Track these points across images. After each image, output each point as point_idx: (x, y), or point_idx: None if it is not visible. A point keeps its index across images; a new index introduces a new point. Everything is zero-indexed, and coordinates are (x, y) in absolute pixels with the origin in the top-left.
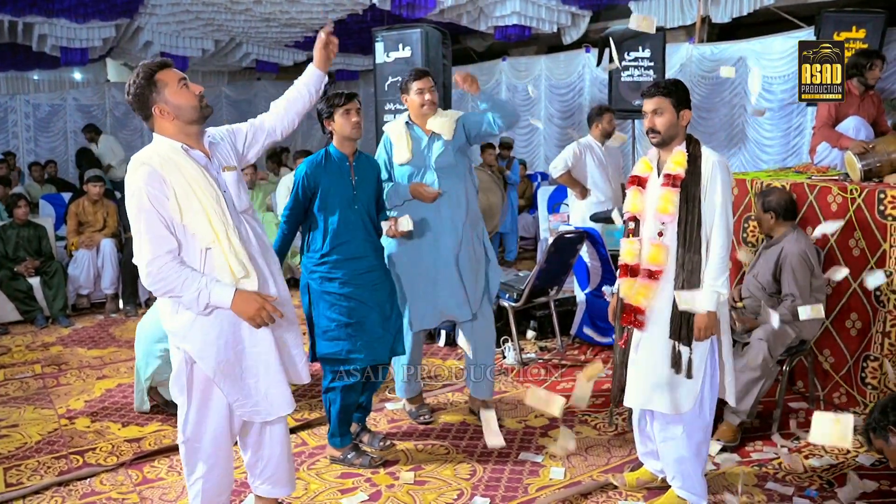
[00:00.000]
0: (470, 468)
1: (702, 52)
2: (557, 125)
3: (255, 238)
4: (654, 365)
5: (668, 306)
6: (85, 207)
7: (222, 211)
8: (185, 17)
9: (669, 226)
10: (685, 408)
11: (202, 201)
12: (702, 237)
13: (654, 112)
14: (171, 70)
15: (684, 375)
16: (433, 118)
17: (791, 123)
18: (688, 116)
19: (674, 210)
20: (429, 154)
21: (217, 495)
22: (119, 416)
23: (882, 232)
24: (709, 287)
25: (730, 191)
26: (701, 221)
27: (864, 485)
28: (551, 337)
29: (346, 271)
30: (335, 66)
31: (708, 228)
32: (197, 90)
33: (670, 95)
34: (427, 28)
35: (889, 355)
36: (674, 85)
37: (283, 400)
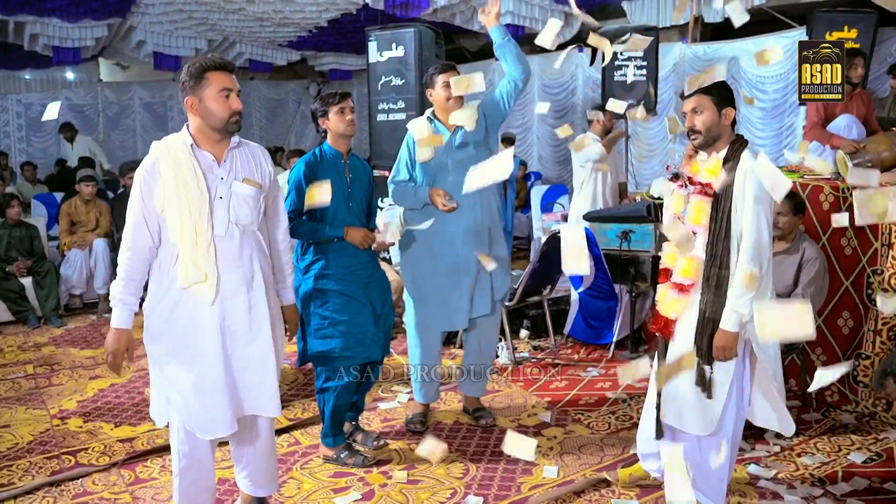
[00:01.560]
0: (463, 467)
1: (695, 51)
2: (550, 124)
3: (238, 257)
4: (677, 380)
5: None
6: (77, 207)
7: (199, 214)
8: (177, 17)
9: (700, 236)
10: (697, 430)
11: (181, 200)
12: (731, 251)
13: (694, 111)
14: (224, 74)
15: (705, 395)
16: (454, 114)
17: (783, 123)
18: (731, 114)
19: (705, 220)
20: (450, 150)
21: (197, 495)
22: (111, 416)
23: (873, 231)
24: (729, 306)
25: (765, 204)
26: (730, 234)
27: (855, 482)
28: (545, 336)
29: (339, 268)
30: (329, 65)
31: (738, 242)
32: (235, 106)
33: (710, 93)
34: (420, 27)
35: (881, 353)
36: (716, 82)
37: (221, 422)
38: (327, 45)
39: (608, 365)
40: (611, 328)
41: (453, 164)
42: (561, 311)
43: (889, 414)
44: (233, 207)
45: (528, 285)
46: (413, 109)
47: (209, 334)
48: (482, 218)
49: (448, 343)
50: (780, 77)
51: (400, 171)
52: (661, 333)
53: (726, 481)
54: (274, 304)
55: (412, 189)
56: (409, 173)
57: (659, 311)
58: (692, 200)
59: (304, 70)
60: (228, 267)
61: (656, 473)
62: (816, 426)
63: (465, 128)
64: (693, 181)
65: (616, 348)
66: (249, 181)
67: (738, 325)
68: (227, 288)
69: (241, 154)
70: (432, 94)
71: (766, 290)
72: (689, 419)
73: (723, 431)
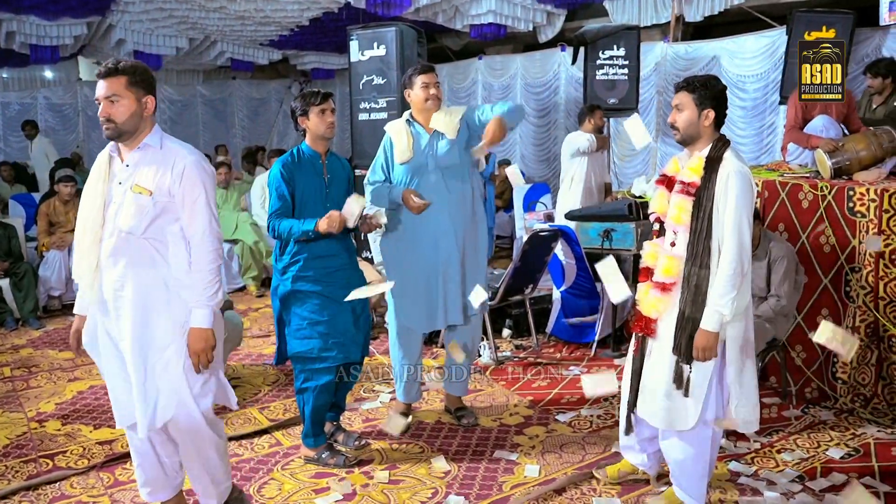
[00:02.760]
0: (445, 467)
1: (676, 50)
2: (533, 123)
3: (113, 263)
4: (656, 377)
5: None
6: (56, 208)
7: (89, 213)
8: (158, 15)
9: (681, 235)
10: (679, 426)
11: (84, 203)
12: (711, 251)
13: (677, 107)
14: (100, 81)
15: (682, 393)
16: (436, 116)
17: (764, 122)
18: (711, 116)
19: (686, 219)
20: (430, 153)
21: (155, 491)
22: (90, 418)
23: (851, 228)
24: (711, 306)
25: (747, 204)
26: (711, 234)
27: (833, 477)
28: (527, 335)
29: (318, 269)
30: (311, 64)
31: (719, 242)
32: (101, 113)
33: (693, 91)
34: (402, 27)
35: (859, 350)
36: (702, 81)
37: (122, 414)
38: (309, 44)
39: (590, 364)
40: (593, 327)
41: (433, 166)
42: (543, 310)
43: (866, 410)
44: (119, 211)
45: (510, 284)
46: (395, 109)
47: (101, 337)
48: (463, 219)
49: (430, 342)
50: (761, 76)
51: (376, 172)
52: (644, 333)
53: (707, 478)
54: (167, 319)
55: (387, 189)
56: (384, 174)
57: (640, 310)
58: (674, 199)
59: (286, 69)
60: (106, 270)
61: (642, 467)
62: (796, 422)
63: (446, 135)
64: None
65: (598, 347)
66: (139, 187)
67: (719, 324)
68: (106, 291)
69: (150, 157)
70: (410, 95)
71: (746, 291)
72: (667, 416)
73: (703, 430)
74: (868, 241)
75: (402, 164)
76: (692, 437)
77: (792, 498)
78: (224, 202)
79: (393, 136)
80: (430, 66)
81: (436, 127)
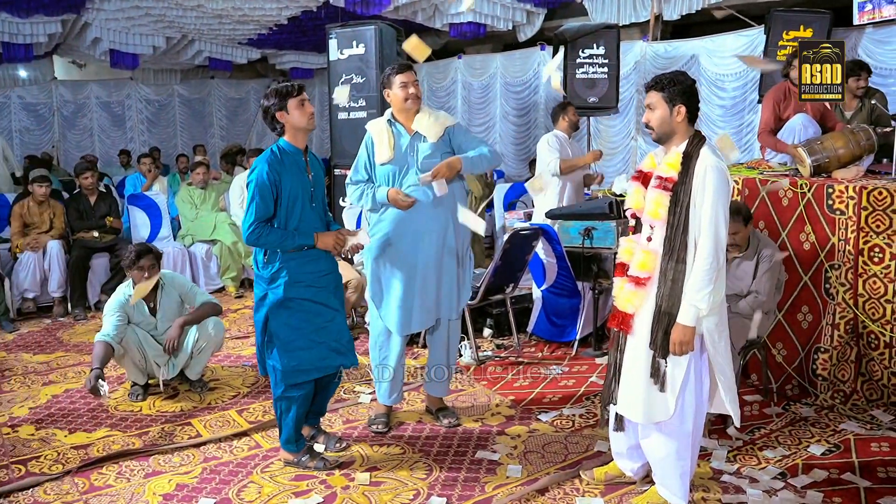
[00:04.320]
0: (426, 468)
1: (655, 49)
2: (513, 122)
3: None
4: (633, 372)
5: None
6: (30, 208)
7: None
8: (134, 13)
9: (658, 230)
10: (658, 418)
11: None
12: (688, 246)
13: (649, 107)
14: None
15: (658, 388)
16: (419, 118)
17: (743, 121)
18: (683, 112)
19: (663, 214)
20: (412, 154)
21: None
22: (66, 422)
23: (831, 226)
24: (687, 300)
25: (724, 199)
26: (687, 229)
27: (814, 473)
28: (508, 335)
29: (309, 275)
30: (290, 63)
31: (696, 237)
32: None
33: (663, 90)
34: (381, 25)
35: (838, 346)
36: (669, 78)
37: None
38: (288, 43)
39: (572, 363)
40: (574, 326)
41: (415, 166)
42: (524, 309)
43: (846, 406)
44: None
45: (490, 283)
46: (374, 108)
47: None
48: (446, 220)
49: (411, 343)
50: (740, 75)
51: (359, 171)
52: (620, 328)
53: (689, 476)
54: None
55: (371, 190)
56: (367, 174)
57: (616, 305)
58: (651, 194)
59: (265, 68)
60: None
61: (630, 472)
62: (777, 420)
63: (427, 138)
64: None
65: (579, 346)
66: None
67: (695, 319)
68: None
69: None
70: (390, 95)
71: (721, 286)
72: (645, 410)
73: (682, 426)
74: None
75: (383, 165)
76: (672, 431)
77: (774, 495)
78: (202, 202)
79: (374, 136)
80: (408, 64)
81: (418, 128)
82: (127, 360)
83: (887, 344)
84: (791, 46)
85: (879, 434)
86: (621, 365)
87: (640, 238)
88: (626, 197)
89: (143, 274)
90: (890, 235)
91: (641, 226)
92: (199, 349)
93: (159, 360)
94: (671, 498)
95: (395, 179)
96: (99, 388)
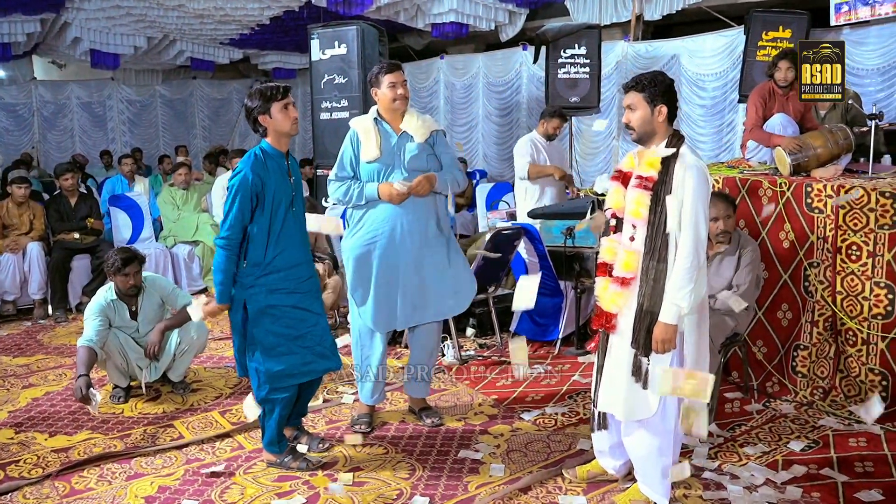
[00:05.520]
0: (409, 467)
1: (637, 49)
2: (495, 122)
3: None
4: (617, 369)
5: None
6: (9, 210)
7: None
8: (114, 13)
9: (640, 230)
10: (639, 415)
11: None
12: (669, 245)
13: (629, 107)
14: None
15: (641, 385)
16: (407, 118)
17: (723, 120)
18: (664, 112)
19: (644, 213)
20: (399, 153)
21: None
22: (46, 425)
23: (809, 224)
24: (668, 299)
25: (703, 198)
26: (668, 228)
27: (794, 469)
28: (491, 334)
29: (291, 281)
30: (272, 63)
31: (676, 236)
32: None
33: (643, 90)
34: (364, 25)
35: (817, 343)
36: (649, 79)
37: None
38: (270, 44)
39: (554, 362)
40: (556, 325)
41: (400, 164)
42: (507, 308)
43: (825, 402)
44: None
45: None
46: (356, 108)
47: None
48: (427, 219)
49: (393, 342)
50: (720, 75)
51: (344, 168)
52: (604, 329)
53: (670, 473)
54: None
55: (358, 186)
56: (352, 170)
57: (600, 306)
58: (632, 194)
59: (247, 69)
60: None
61: (612, 470)
62: (758, 416)
63: (414, 138)
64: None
65: (562, 345)
66: None
67: (677, 317)
68: None
69: None
70: (377, 94)
71: (702, 284)
72: (628, 407)
73: (664, 424)
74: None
75: (369, 163)
76: (655, 428)
77: (755, 491)
78: (184, 203)
79: (360, 134)
80: (397, 64)
81: (407, 128)
82: (109, 363)
83: (864, 341)
84: (770, 47)
85: (857, 430)
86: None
87: (623, 238)
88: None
89: (129, 280)
90: (867, 233)
91: (622, 225)
92: (182, 352)
93: (141, 363)
94: (653, 495)
95: (380, 178)
96: (91, 397)
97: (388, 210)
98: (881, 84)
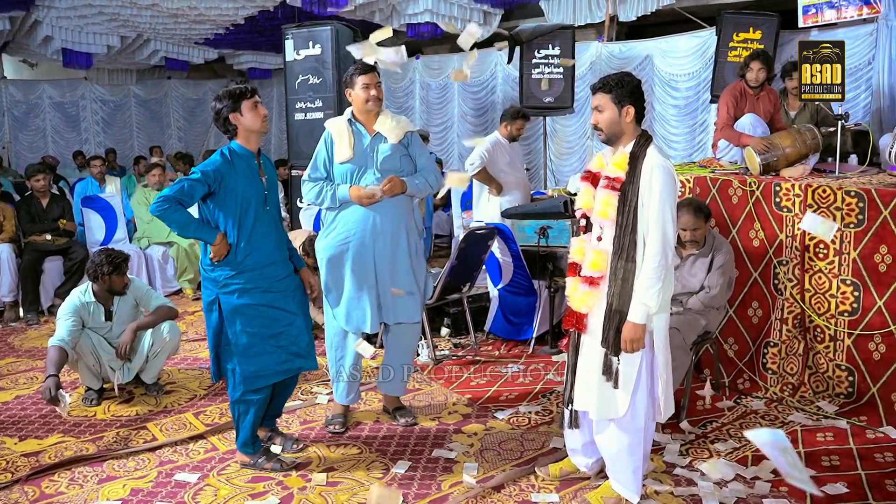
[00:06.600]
0: (383, 467)
1: (610, 50)
2: (470, 122)
3: None
4: (588, 369)
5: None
6: None
7: None
8: (87, 12)
9: (608, 230)
10: (611, 414)
11: None
12: (637, 245)
13: (597, 108)
14: None
15: (612, 385)
16: (381, 119)
17: (696, 120)
18: (632, 112)
19: (612, 214)
20: (372, 154)
21: None
22: (16, 429)
23: (778, 223)
24: (637, 298)
25: (670, 198)
26: (636, 228)
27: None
28: (465, 333)
29: (265, 280)
30: (247, 63)
31: (645, 236)
32: None
33: (610, 91)
34: (338, 26)
35: (787, 341)
36: (616, 80)
37: None
38: (245, 44)
39: (528, 361)
40: (531, 324)
41: (373, 165)
42: (481, 307)
43: (794, 398)
44: None
45: (447, 283)
46: (331, 108)
47: None
48: (398, 220)
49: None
50: (693, 75)
51: (317, 169)
52: (575, 328)
53: (642, 470)
54: None
55: (331, 188)
56: (325, 171)
57: (570, 306)
58: (600, 194)
59: (222, 69)
60: None
61: (584, 468)
62: (729, 413)
63: (388, 139)
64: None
65: (536, 344)
66: None
67: (645, 317)
68: None
69: None
70: (351, 95)
71: (670, 283)
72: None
73: (635, 422)
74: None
75: (342, 164)
76: (626, 426)
77: (724, 486)
78: None
79: (334, 135)
80: (371, 65)
81: (380, 130)
82: (81, 364)
83: (832, 337)
84: (741, 47)
85: (825, 425)
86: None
87: (591, 238)
88: None
89: (125, 279)
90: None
91: (591, 225)
92: (155, 353)
93: (114, 364)
94: (624, 492)
95: (353, 179)
96: (60, 398)
97: (360, 212)
98: (848, 85)
